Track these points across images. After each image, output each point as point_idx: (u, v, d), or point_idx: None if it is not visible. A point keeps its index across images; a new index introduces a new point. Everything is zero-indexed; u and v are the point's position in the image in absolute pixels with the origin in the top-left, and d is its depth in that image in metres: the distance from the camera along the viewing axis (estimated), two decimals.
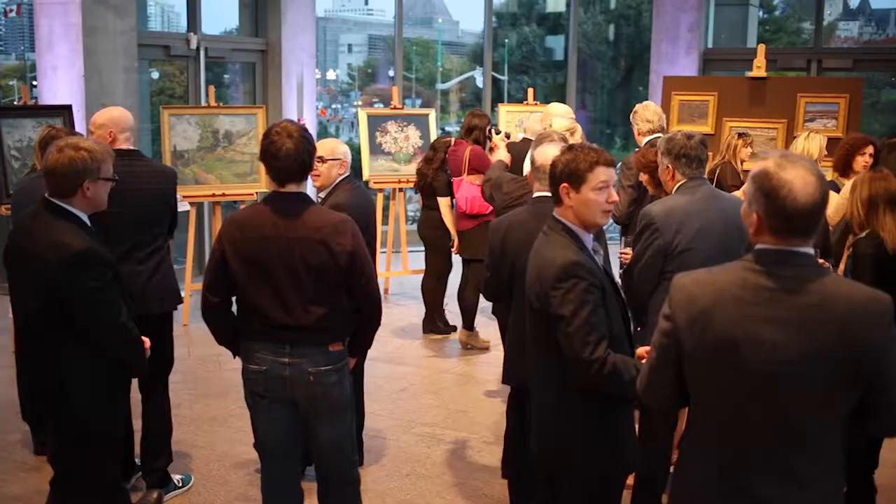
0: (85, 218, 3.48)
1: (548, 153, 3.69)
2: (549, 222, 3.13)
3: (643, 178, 4.78)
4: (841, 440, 2.33)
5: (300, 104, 10.73)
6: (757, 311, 2.22)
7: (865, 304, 2.19)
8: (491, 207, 5.48)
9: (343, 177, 4.65)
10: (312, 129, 11.01)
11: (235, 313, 3.63)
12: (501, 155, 5.70)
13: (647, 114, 5.65)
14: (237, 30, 11.35)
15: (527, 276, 3.13)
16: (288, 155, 3.39)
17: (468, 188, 6.76)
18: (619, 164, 5.24)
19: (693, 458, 2.44)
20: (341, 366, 3.58)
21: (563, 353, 2.92)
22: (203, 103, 9.14)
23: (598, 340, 2.85)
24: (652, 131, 5.53)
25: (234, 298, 3.59)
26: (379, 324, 3.72)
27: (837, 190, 5.66)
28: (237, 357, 3.67)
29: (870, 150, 5.66)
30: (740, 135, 6.88)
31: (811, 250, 2.26)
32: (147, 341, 3.64)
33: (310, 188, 3.70)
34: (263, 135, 3.52)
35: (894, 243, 4.34)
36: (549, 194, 3.28)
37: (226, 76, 12.83)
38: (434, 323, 7.80)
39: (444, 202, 7.28)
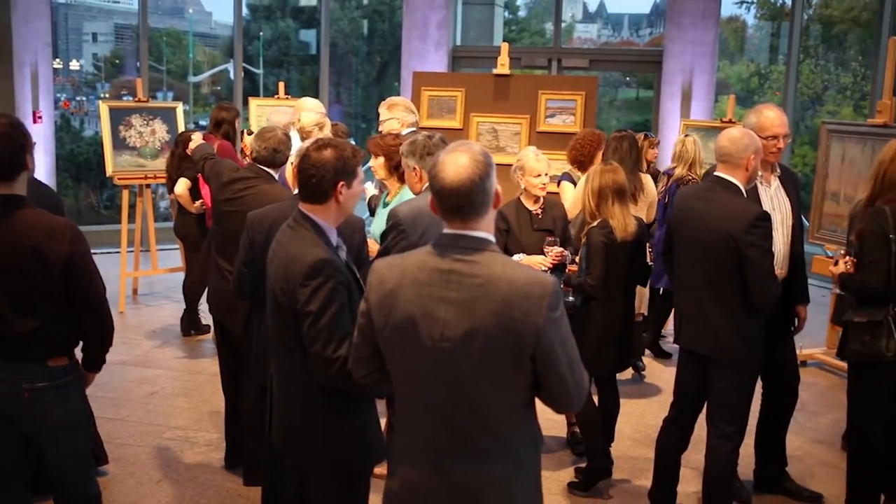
0: None
1: None
2: (295, 216, 3.09)
3: (375, 162, 4.72)
4: (527, 416, 2.48)
5: (35, 95, 10.07)
6: (431, 291, 2.38)
7: (525, 287, 2.33)
8: None
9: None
10: (50, 122, 10.37)
11: None
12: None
13: (409, 105, 5.70)
14: None
15: (270, 271, 3.09)
16: None
17: None
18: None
19: (398, 433, 2.57)
20: (65, 382, 3.33)
21: (305, 350, 2.91)
22: None
23: (341, 339, 2.85)
24: (413, 124, 5.59)
25: None
26: (109, 336, 3.45)
27: (573, 182, 6.00)
28: None
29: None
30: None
31: (486, 235, 2.43)
32: None
33: None
34: None
35: (623, 231, 4.67)
36: None
37: None
38: (196, 322, 7.58)
39: (182, 182, 7.00)
